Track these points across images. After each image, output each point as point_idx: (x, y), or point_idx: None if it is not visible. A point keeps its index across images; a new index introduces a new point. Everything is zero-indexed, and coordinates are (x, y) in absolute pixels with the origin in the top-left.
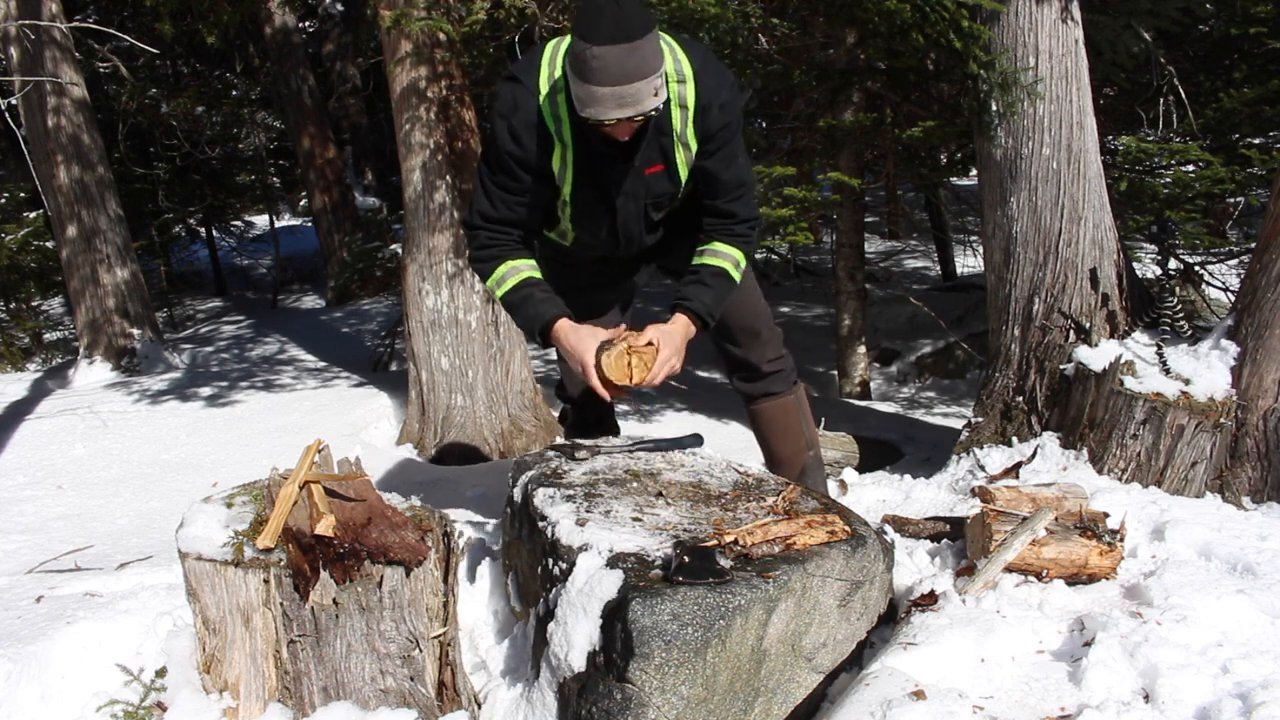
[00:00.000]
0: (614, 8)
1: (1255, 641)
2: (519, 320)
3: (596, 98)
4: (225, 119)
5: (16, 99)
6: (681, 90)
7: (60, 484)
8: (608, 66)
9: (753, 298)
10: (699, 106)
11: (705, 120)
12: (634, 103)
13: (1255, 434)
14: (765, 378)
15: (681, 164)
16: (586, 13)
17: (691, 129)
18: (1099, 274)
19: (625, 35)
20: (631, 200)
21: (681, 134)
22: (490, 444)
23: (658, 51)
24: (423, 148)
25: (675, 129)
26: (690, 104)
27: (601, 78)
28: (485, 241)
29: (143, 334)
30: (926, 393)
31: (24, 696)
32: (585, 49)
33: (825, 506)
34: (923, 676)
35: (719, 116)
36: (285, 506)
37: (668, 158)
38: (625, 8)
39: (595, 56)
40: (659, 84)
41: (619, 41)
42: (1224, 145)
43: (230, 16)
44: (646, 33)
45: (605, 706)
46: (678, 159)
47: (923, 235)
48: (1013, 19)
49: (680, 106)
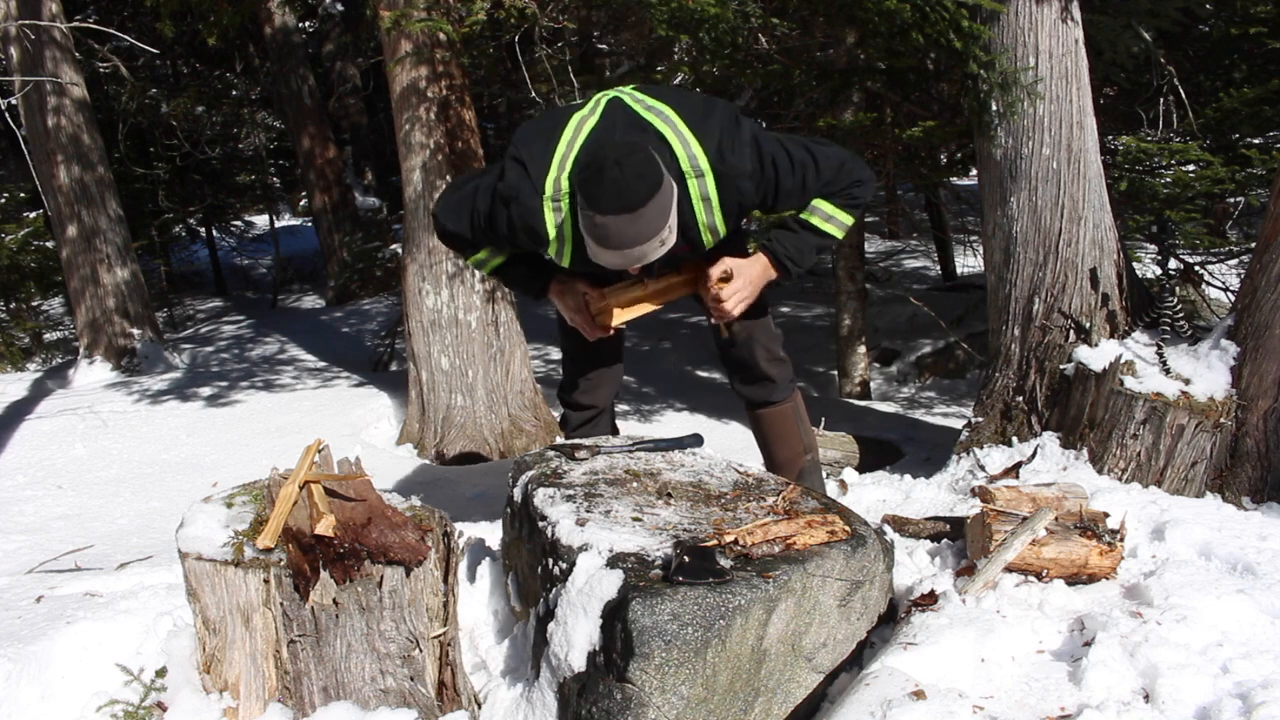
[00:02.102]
0: (615, 174)
1: (1255, 641)
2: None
3: (601, 255)
4: (225, 119)
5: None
6: (701, 185)
7: (60, 484)
8: (610, 234)
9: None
10: (727, 202)
11: (741, 206)
12: (639, 259)
13: (1255, 434)
14: (765, 383)
15: (708, 243)
16: (589, 178)
17: (719, 216)
18: (1099, 274)
19: (626, 206)
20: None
21: (709, 223)
22: (490, 444)
23: (662, 211)
24: (423, 148)
25: (700, 220)
26: (713, 196)
27: (605, 243)
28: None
29: (143, 334)
30: (926, 393)
31: (24, 696)
32: (590, 215)
33: (825, 506)
34: (923, 676)
35: (752, 189)
36: (285, 506)
37: (693, 241)
38: (627, 174)
39: (599, 225)
40: (665, 236)
41: (620, 212)
42: (1224, 145)
43: (230, 17)
44: (649, 199)
45: (605, 706)
46: (703, 240)
47: (923, 235)
48: (1013, 19)
49: (702, 199)
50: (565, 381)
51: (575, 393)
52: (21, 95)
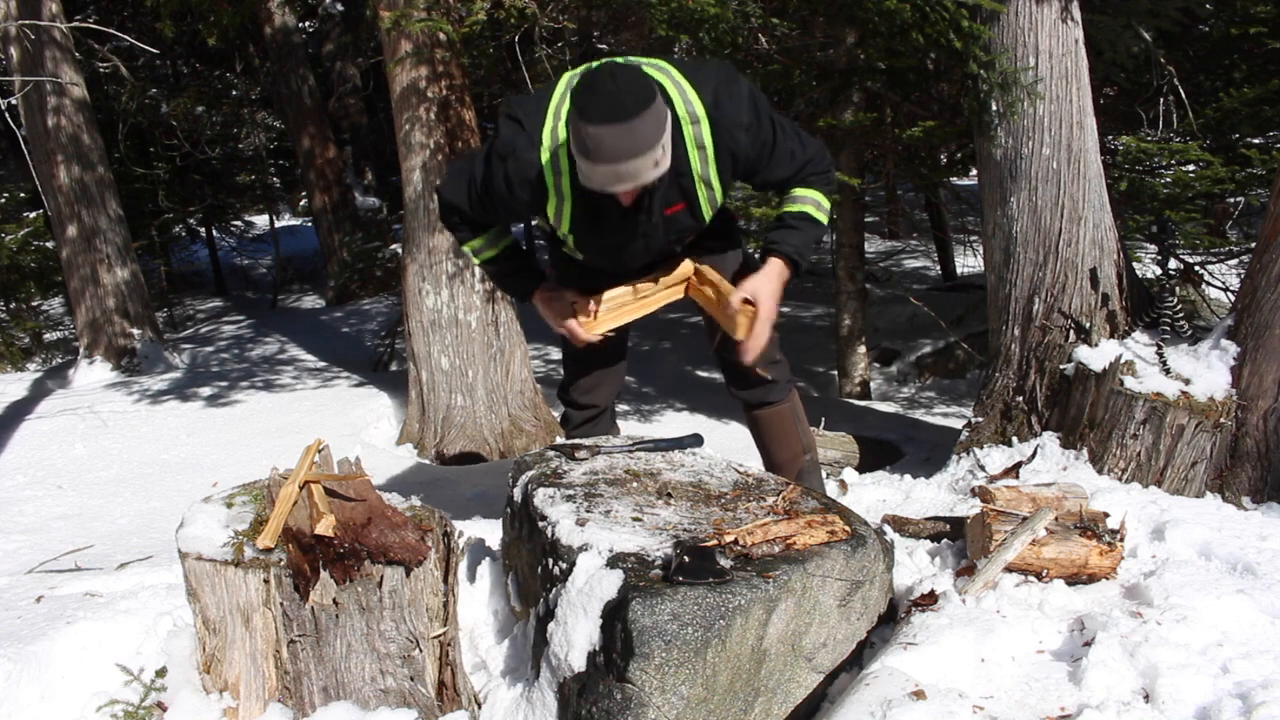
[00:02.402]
0: (609, 85)
1: (1255, 641)
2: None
3: (594, 173)
4: (225, 119)
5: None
6: (696, 131)
7: (60, 484)
8: (603, 146)
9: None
10: (721, 149)
11: (737, 161)
12: (631, 178)
13: (1255, 434)
14: (763, 386)
15: (704, 201)
16: (584, 90)
17: (714, 168)
18: (1099, 274)
19: (620, 115)
20: (653, 237)
21: (703, 174)
22: (490, 444)
23: (656, 126)
24: (423, 148)
25: (695, 169)
26: (708, 144)
27: (597, 156)
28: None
29: (143, 334)
30: (926, 393)
31: (24, 696)
32: (582, 126)
33: (825, 506)
34: (923, 676)
35: (748, 142)
36: (285, 506)
37: (689, 197)
38: (621, 85)
39: (591, 136)
40: (658, 156)
41: (613, 122)
42: (1224, 145)
43: (230, 17)
44: (643, 110)
45: (605, 706)
46: (700, 197)
47: (923, 235)
48: (1013, 19)
49: (697, 147)
50: (566, 380)
51: (576, 392)
52: (21, 95)
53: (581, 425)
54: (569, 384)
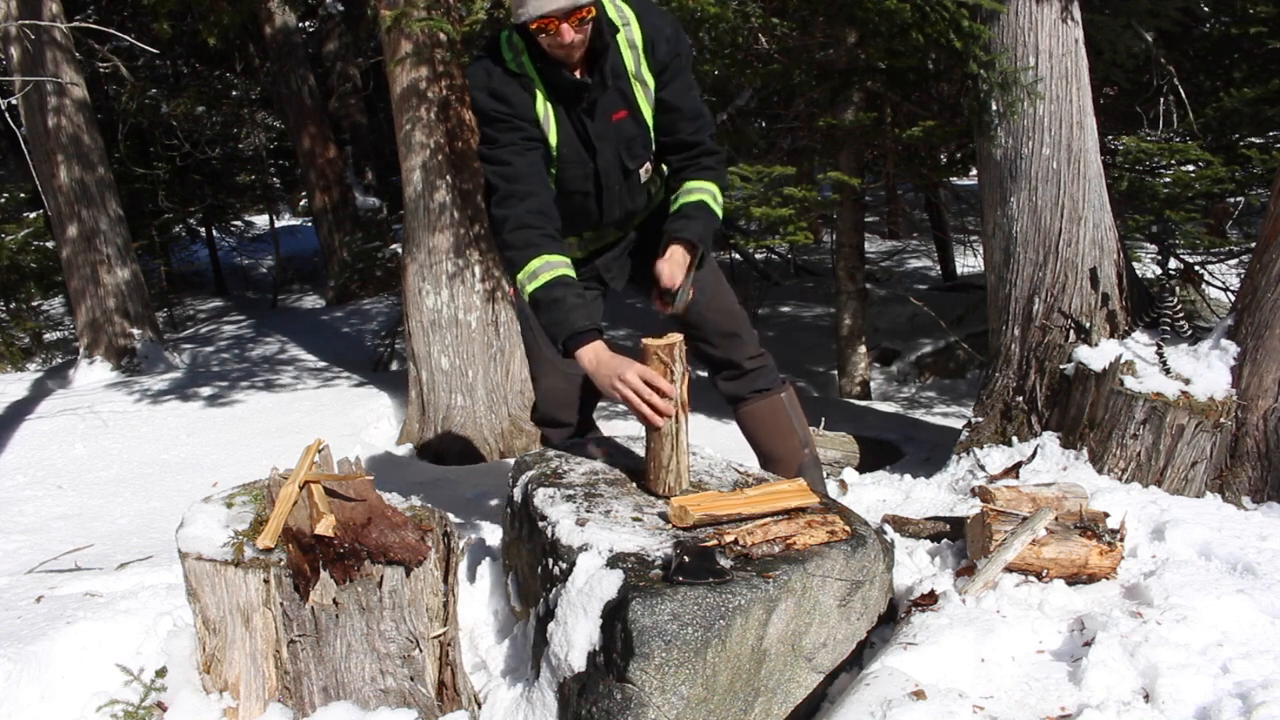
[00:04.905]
0: None
1: (1255, 641)
2: (545, 320)
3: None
4: (225, 119)
5: (17, 99)
6: (628, 32)
7: (60, 484)
8: None
9: (727, 299)
10: (647, 41)
11: (656, 54)
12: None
13: (1255, 434)
14: (749, 374)
15: (643, 102)
16: None
17: (645, 65)
18: (1099, 274)
19: None
20: (608, 145)
21: (637, 72)
22: (490, 444)
23: None
24: (423, 148)
25: (629, 69)
26: (638, 41)
27: None
28: (516, 224)
29: (143, 334)
30: (926, 393)
31: (24, 696)
32: None
33: (825, 506)
34: (923, 676)
35: (667, 48)
36: (285, 506)
37: (629, 100)
38: None
39: None
40: None
41: None
42: (1224, 145)
43: (230, 17)
44: None
45: (605, 706)
46: (639, 98)
47: (923, 235)
48: (1013, 19)
49: (630, 47)
50: (543, 403)
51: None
52: (22, 95)
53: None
54: (551, 405)
